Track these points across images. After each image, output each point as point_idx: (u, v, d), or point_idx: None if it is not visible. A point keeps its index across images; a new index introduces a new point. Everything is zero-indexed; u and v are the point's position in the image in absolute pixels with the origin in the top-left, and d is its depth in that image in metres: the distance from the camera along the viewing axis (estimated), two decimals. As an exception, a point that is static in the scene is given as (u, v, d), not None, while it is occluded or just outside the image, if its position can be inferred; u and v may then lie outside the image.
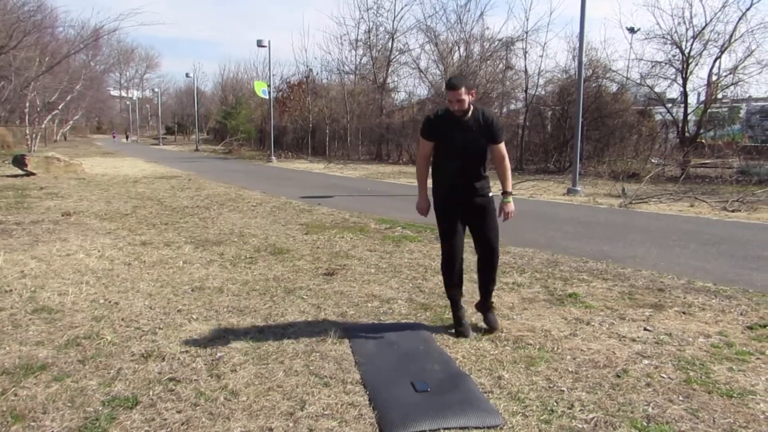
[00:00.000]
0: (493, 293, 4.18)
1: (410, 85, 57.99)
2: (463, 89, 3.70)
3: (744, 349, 3.77)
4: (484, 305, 4.15)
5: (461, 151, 3.87)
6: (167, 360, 3.46)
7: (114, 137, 70.86)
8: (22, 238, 7.10)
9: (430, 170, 4.07)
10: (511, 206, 4.02)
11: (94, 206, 10.29)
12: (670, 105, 22.08)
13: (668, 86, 21.98)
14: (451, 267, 4.03)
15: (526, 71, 25.62)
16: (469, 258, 4.42)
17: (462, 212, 3.98)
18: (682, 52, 20.27)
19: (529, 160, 24.71)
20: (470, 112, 3.84)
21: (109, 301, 4.63)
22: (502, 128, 3.97)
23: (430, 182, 4.12)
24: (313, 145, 32.95)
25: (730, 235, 8.20)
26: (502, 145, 3.99)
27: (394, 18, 31.21)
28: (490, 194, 3.99)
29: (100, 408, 2.86)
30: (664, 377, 3.31)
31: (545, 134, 25.31)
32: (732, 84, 20.12)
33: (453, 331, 4.04)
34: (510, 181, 4.08)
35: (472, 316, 4.29)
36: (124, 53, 70.16)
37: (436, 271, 5.83)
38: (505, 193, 4.04)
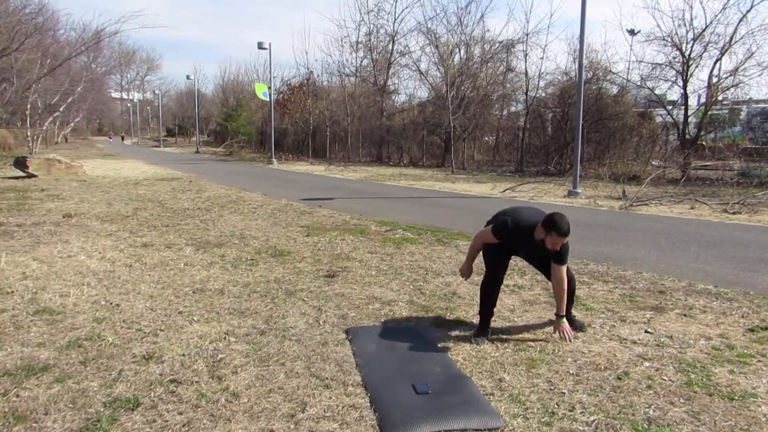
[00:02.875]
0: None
1: (411, 87, 58.05)
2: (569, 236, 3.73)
3: (745, 351, 3.77)
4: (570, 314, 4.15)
5: (528, 259, 4.27)
6: (168, 361, 3.46)
7: (110, 138, 71.48)
8: (23, 240, 7.11)
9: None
10: (565, 326, 3.88)
11: (96, 208, 10.29)
12: (670, 107, 22.09)
13: (669, 88, 22.04)
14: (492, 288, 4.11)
15: (526, 73, 25.71)
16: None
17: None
18: (683, 54, 20.29)
19: (529, 162, 24.75)
20: None
21: (111, 303, 4.63)
22: (568, 252, 3.93)
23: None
24: (314, 147, 32.99)
25: (730, 237, 8.20)
26: (564, 267, 3.87)
27: (395, 20, 31.31)
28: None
29: (102, 409, 2.87)
30: (665, 380, 3.31)
31: (546, 136, 25.36)
32: (732, 86, 20.13)
33: (456, 333, 4.05)
34: (564, 305, 3.91)
35: (474, 317, 4.28)
36: (125, 55, 70.44)
37: (436, 273, 5.84)
38: (558, 316, 3.89)
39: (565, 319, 3.89)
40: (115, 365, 3.40)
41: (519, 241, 3.95)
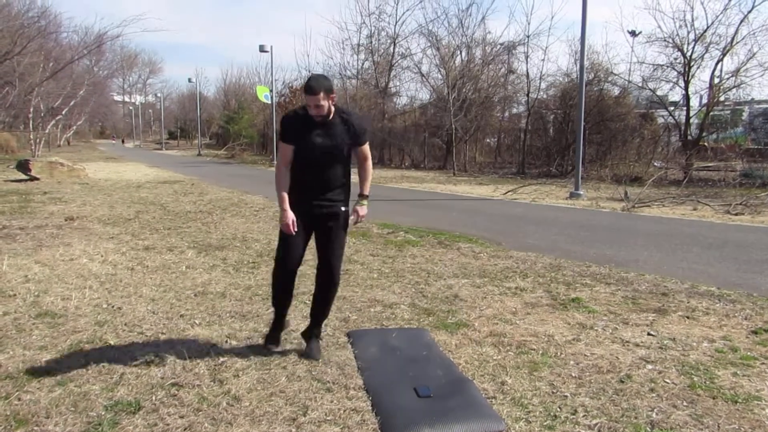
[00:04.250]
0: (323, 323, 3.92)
1: (412, 90, 58.01)
2: (321, 94, 3.27)
3: (749, 353, 3.75)
4: (310, 332, 3.78)
5: (320, 156, 3.46)
6: (170, 365, 3.46)
7: (113, 140, 72.28)
8: (25, 243, 7.11)
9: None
10: (364, 210, 3.65)
11: (98, 211, 10.31)
12: (672, 108, 22.08)
13: (670, 89, 22.04)
14: (281, 280, 3.67)
15: (527, 75, 25.73)
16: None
17: (309, 225, 3.60)
18: (684, 55, 20.29)
19: (531, 164, 24.74)
20: (331, 116, 3.43)
21: (112, 306, 4.63)
22: (368, 130, 3.61)
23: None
24: (316, 150, 32.94)
25: (733, 239, 8.18)
26: (366, 146, 3.63)
27: (396, 23, 31.32)
28: (343, 208, 3.57)
29: (103, 413, 2.86)
30: (668, 382, 3.30)
31: (547, 138, 25.36)
32: (734, 86, 20.14)
33: (458, 336, 4.03)
34: (369, 184, 3.70)
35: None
36: (127, 59, 70.59)
37: (438, 275, 5.83)
38: (361, 196, 3.65)
39: (365, 202, 3.65)
40: (116, 369, 3.39)
41: (305, 128, 3.40)
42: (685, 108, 21.13)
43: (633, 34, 24.90)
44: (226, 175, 21.65)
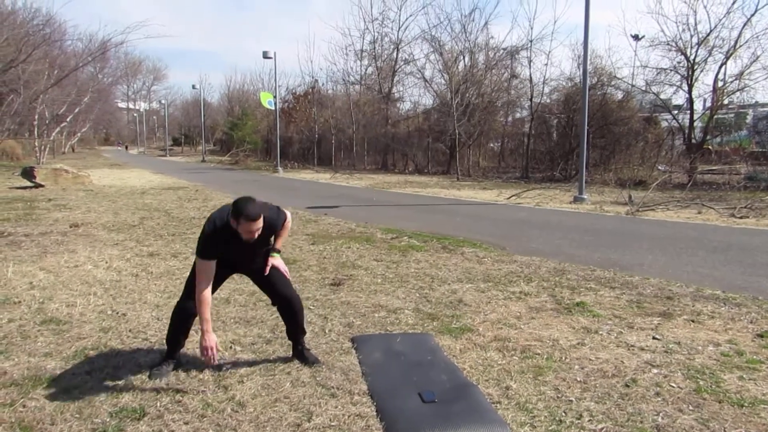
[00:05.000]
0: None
1: (415, 95, 58.12)
2: (261, 218, 3.12)
3: (754, 357, 3.74)
4: (298, 350, 3.70)
5: (246, 259, 3.45)
6: (174, 371, 3.46)
7: (119, 146, 72.91)
8: (30, 250, 7.14)
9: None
10: (278, 261, 3.55)
11: (102, 217, 10.34)
12: (676, 112, 22.02)
13: (674, 93, 21.95)
14: (182, 318, 3.48)
15: (531, 80, 25.70)
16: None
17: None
18: (687, 59, 20.25)
19: (534, 168, 24.71)
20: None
21: (117, 313, 4.64)
22: (280, 213, 3.48)
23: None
24: (319, 156, 33.05)
25: (738, 242, 8.15)
26: (287, 222, 3.55)
27: (399, 28, 31.39)
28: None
29: (108, 419, 2.87)
30: (673, 386, 3.29)
31: (551, 142, 25.31)
32: (738, 90, 20.08)
33: (462, 341, 4.03)
34: (282, 241, 3.63)
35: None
36: (131, 66, 70.89)
37: (442, 280, 5.82)
38: (274, 250, 3.57)
39: (278, 255, 3.57)
40: (121, 375, 3.40)
41: (227, 245, 3.24)
42: (688, 111, 21.07)
43: (636, 38, 24.90)
44: (230, 181, 21.70)
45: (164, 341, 3.57)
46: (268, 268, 3.49)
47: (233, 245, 3.24)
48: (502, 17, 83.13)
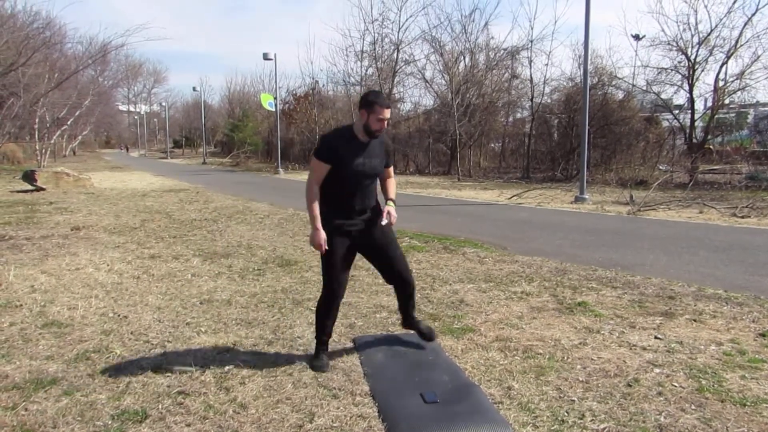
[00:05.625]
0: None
1: (416, 96, 58.09)
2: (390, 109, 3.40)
3: (757, 356, 3.73)
4: (410, 321, 3.90)
5: (360, 178, 3.49)
6: (176, 373, 3.46)
7: (121, 149, 73.19)
8: (32, 253, 7.15)
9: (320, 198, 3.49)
10: (393, 210, 3.61)
11: (103, 220, 10.35)
12: (677, 111, 22.01)
13: (675, 92, 21.94)
14: (330, 307, 3.64)
15: (531, 80, 25.70)
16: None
17: (352, 246, 3.60)
18: (688, 59, 20.24)
19: (535, 169, 24.71)
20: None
21: (118, 315, 4.65)
22: (394, 152, 3.75)
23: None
24: (320, 157, 33.00)
25: (740, 242, 8.14)
26: (391, 169, 3.75)
27: (399, 29, 31.35)
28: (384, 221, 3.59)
29: (110, 422, 2.87)
30: (675, 386, 3.28)
31: (552, 142, 25.31)
32: (739, 89, 20.07)
33: (464, 341, 4.03)
34: (394, 192, 3.74)
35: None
36: (132, 68, 70.87)
37: (444, 281, 5.82)
38: (389, 199, 3.66)
39: (393, 203, 3.63)
40: (123, 378, 3.40)
41: (345, 148, 3.39)
42: (689, 111, 21.06)
43: (637, 37, 24.90)
44: (231, 182, 21.71)
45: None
46: (384, 215, 3.56)
47: (352, 151, 3.42)
48: (503, 17, 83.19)
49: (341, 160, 3.40)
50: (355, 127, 3.46)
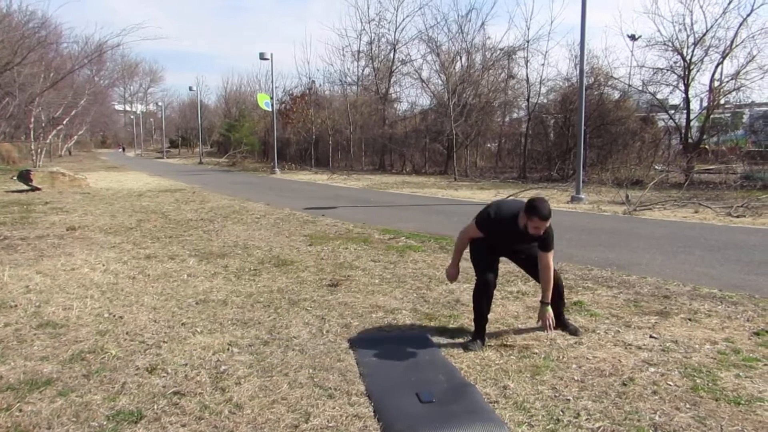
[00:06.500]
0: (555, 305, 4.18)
1: (412, 95, 58.23)
2: (550, 219, 3.72)
3: (751, 355, 3.74)
4: (560, 319, 4.20)
5: (514, 257, 4.20)
6: (171, 373, 3.46)
7: (119, 149, 73.17)
8: (27, 253, 7.12)
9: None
10: (549, 314, 3.97)
11: (99, 220, 10.32)
12: (672, 111, 22.08)
13: (670, 93, 22.00)
14: (487, 293, 4.04)
15: (527, 80, 25.72)
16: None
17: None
18: (684, 59, 20.30)
19: (532, 168, 24.73)
20: None
21: (114, 315, 4.63)
22: (553, 239, 3.94)
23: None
24: (317, 157, 33.06)
25: (735, 241, 8.16)
26: (550, 254, 3.94)
27: (396, 29, 31.42)
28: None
29: (105, 422, 2.86)
30: (670, 385, 3.29)
31: (548, 142, 25.33)
32: (734, 89, 20.13)
33: (459, 341, 4.03)
34: (550, 293, 3.99)
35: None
36: (128, 68, 70.89)
37: (440, 281, 5.82)
38: (543, 303, 3.98)
39: (549, 308, 3.97)
40: (118, 378, 3.39)
41: (503, 231, 3.90)
42: (685, 111, 21.13)
43: (632, 38, 24.95)
44: (227, 182, 21.68)
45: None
46: (541, 322, 4.02)
47: (508, 235, 3.90)
48: (499, 18, 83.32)
49: (495, 238, 4.01)
50: (520, 219, 3.80)
